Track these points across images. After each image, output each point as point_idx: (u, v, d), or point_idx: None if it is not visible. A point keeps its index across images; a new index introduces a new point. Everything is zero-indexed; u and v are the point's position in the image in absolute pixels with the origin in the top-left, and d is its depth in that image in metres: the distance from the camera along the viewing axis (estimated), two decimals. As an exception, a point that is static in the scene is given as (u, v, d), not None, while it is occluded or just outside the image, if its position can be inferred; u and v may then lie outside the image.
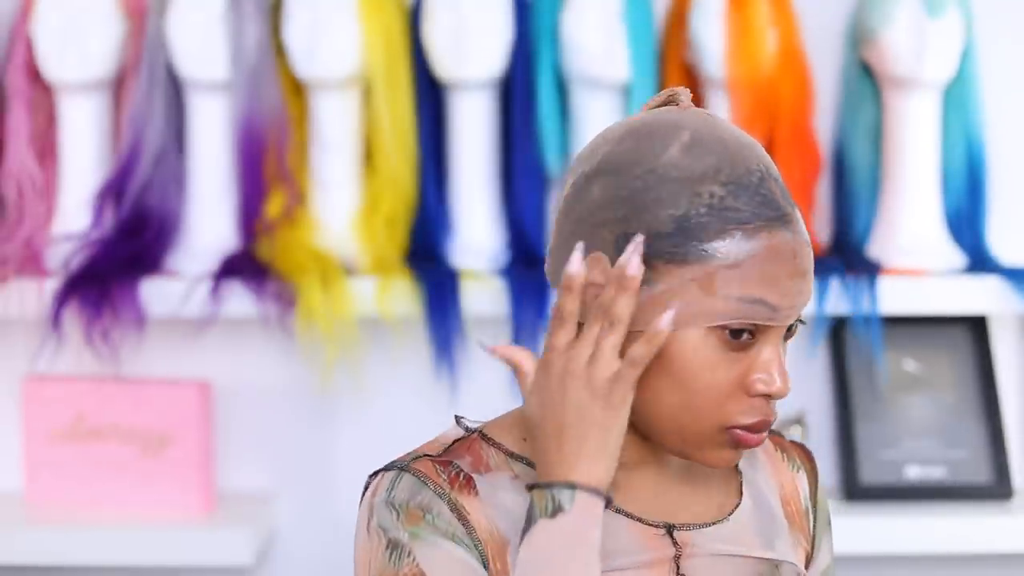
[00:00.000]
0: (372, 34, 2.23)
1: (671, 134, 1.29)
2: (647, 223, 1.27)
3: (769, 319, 1.26)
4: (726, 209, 1.26)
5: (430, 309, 2.19)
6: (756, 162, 1.28)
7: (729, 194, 1.26)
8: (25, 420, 2.29)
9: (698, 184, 1.26)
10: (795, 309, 1.27)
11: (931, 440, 2.32)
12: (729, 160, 1.27)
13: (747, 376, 1.27)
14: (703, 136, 1.28)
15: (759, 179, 1.27)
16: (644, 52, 2.24)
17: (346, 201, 2.27)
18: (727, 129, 1.30)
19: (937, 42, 2.22)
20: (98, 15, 2.24)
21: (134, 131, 2.26)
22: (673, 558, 1.33)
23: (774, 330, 1.27)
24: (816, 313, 2.22)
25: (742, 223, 1.25)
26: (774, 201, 1.27)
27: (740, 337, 1.26)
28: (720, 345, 1.26)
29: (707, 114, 1.32)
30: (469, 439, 1.37)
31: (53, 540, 2.21)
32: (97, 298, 2.17)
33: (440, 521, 1.30)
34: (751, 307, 1.25)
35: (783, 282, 1.26)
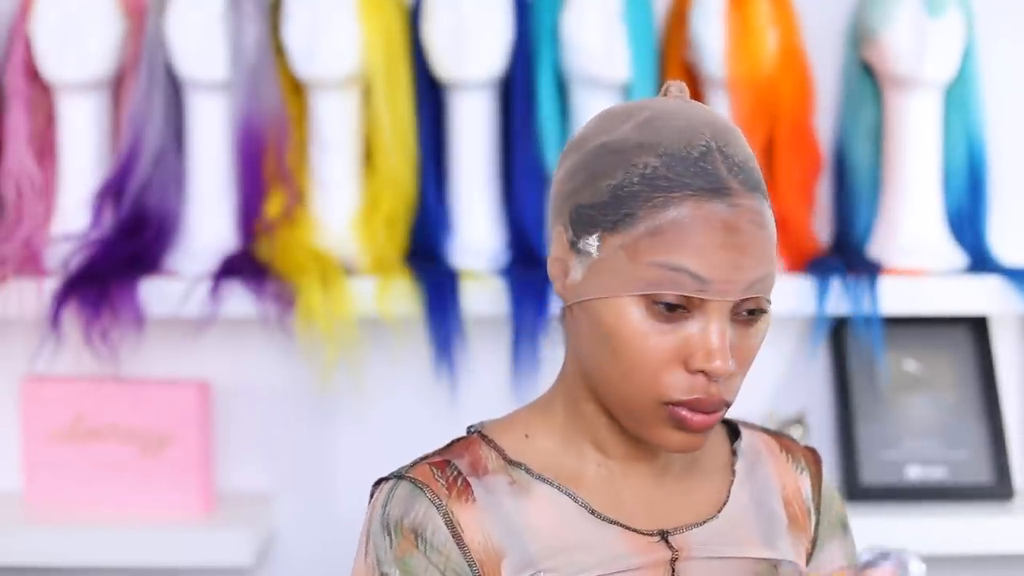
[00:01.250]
0: (372, 34, 2.22)
1: (633, 113, 1.31)
2: (589, 194, 1.29)
3: (698, 291, 1.25)
4: (657, 178, 1.26)
5: (430, 309, 2.19)
6: (706, 138, 1.27)
7: (663, 165, 1.26)
8: (24, 420, 2.29)
9: (636, 155, 1.27)
10: (732, 284, 1.25)
11: (932, 440, 2.32)
12: (675, 135, 1.27)
13: (686, 349, 1.27)
14: (660, 115, 1.29)
15: (701, 153, 1.27)
16: (644, 52, 2.24)
17: (346, 201, 2.27)
18: (696, 110, 1.30)
19: (938, 42, 2.22)
20: (97, 14, 2.24)
21: (133, 131, 2.26)
22: (669, 561, 1.33)
23: (714, 305, 1.26)
24: (817, 313, 2.22)
25: (669, 191, 1.26)
26: (711, 174, 1.26)
27: (670, 308, 1.26)
28: (650, 314, 1.26)
29: (688, 102, 1.32)
30: (469, 439, 1.37)
31: (52, 540, 2.21)
32: (96, 298, 2.16)
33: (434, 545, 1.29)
34: (674, 274, 1.25)
35: (711, 252, 1.25)
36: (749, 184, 1.27)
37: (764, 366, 2.39)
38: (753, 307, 1.28)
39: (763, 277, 1.27)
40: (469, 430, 1.39)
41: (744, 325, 1.29)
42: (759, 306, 1.28)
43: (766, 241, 1.27)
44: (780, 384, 2.39)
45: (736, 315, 1.28)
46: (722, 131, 1.29)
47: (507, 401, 2.27)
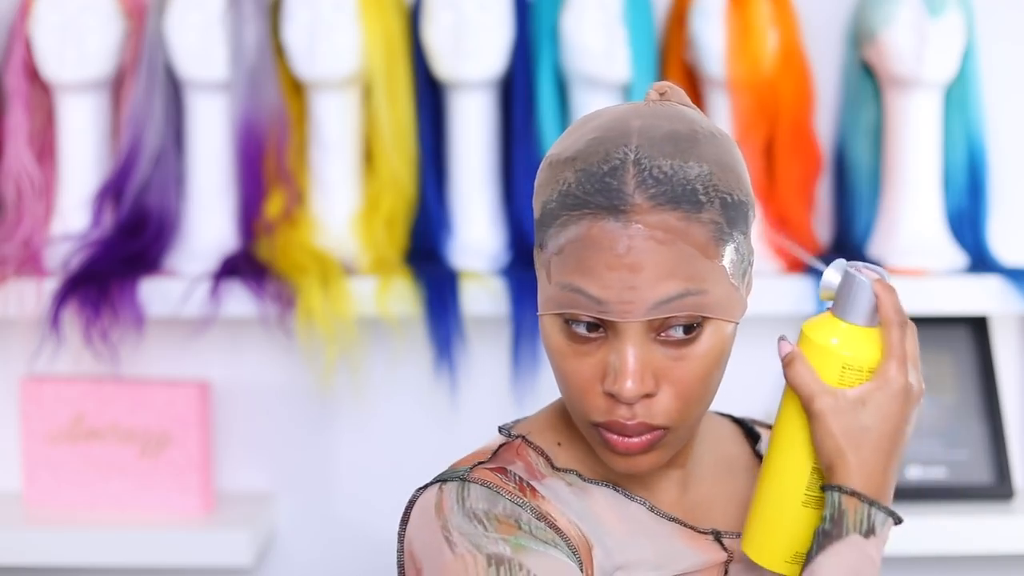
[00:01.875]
0: (372, 34, 2.22)
1: (585, 123, 1.28)
2: (536, 208, 1.28)
3: (599, 312, 1.22)
4: (568, 195, 1.24)
5: (430, 309, 2.19)
6: (627, 150, 1.23)
7: (576, 181, 1.24)
8: (24, 421, 2.29)
9: (561, 170, 1.25)
10: (631, 305, 1.21)
11: (932, 441, 2.32)
12: (598, 147, 1.24)
13: (602, 371, 1.24)
14: (604, 125, 1.26)
15: (612, 167, 1.22)
16: (644, 52, 2.24)
17: (346, 201, 2.27)
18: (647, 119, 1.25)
19: (938, 42, 2.22)
20: (97, 15, 2.24)
21: (133, 131, 2.26)
22: (724, 563, 1.33)
23: (626, 326, 1.22)
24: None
25: (572, 209, 1.23)
26: (614, 190, 1.21)
27: (590, 329, 1.23)
28: (568, 335, 1.25)
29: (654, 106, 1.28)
30: (514, 444, 1.35)
31: (52, 541, 2.21)
32: (96, 298, 2.16)
33: (536, 529, 1.26)
34: (572, 295, 1.23)
35: (601, 273, 1.21)
36: (665, 197, 1.21)
37: (763, 366, 2.39)
38: (683, 326, 1.23)
39: (673, 296, 1.21)
40: (503, 431, 1.37)
41: (675, 346, 1.23)
42: (690, 324, 1.23)
43: (678, 256, 1.21)
44: (779, 384, 2.38)
45: (662, 336, 1.23)
46: (661, 139, 1.24)
47: (507, 401, 2.27)
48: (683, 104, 1.31)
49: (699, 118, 1.28)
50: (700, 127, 1.26)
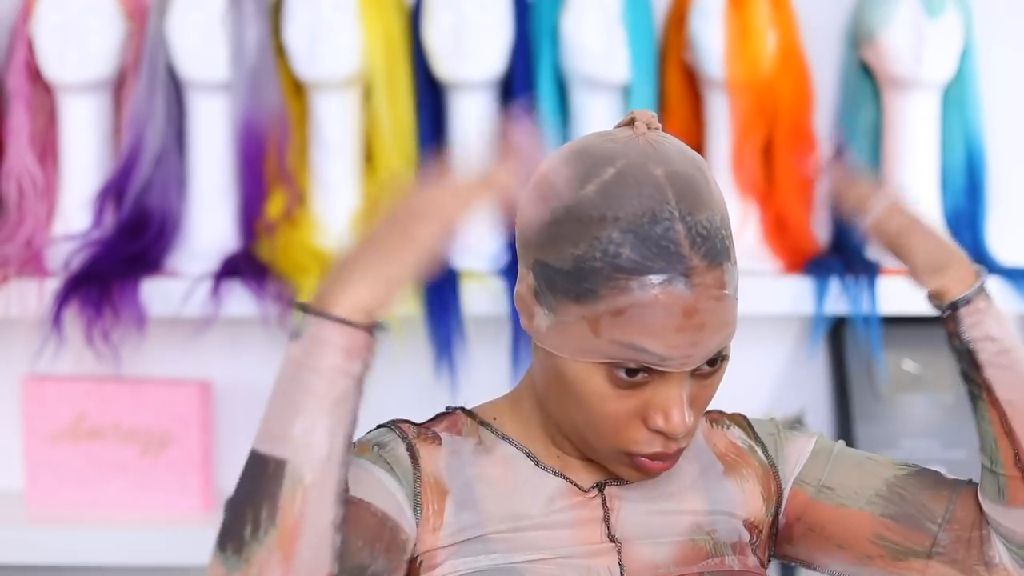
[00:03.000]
0: (372, 34, 2.23)
1: (598, 168, 1.30)
2: (553, 256, 1.30)
3: (658, 365, 1.28)
4: (619, 256, 1.27)
5: (430, 309, 2.20)
6: (671, 206, 1.27)
7: (626, 241, 1.27)
8: (25, 420, 2.29)
9: (599, 227, 1.28)
10: (691, 358, 1.28)
11: (930, 440, 2.32)
12: (638, 204, 1.27)
13: (645, 410, 1.30)
14: (626, 174, 1.29)
15: (664, 229, 1.26)
16: (644, 52, 2.24)
17: (346, 201, 2.27)
18: (664, 164, 1.29)
19: (936, 42, 2.22)
20: (98, 15, 2.24)
21: (134, 131, 2.26)
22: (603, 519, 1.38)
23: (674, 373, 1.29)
24: (816, 313, 2.22)
25: (631, 273, 1.26)
26: (672, 254, 1.26)
27: (632, 375, 1.29)
28: (611, 379, 1.29)
29: (654, 143, 1.32)
30: (454, 413, 1.44)
31: (53, 540, 2.21)
32: (97, 298, 2.17)
33: (386, 453, 1.35)
34: (634, 353, 1.27)
35: (669, 335, 1.27)
36: (712, 254, 1.28)
37: (763, 366, 2.40)
38: (714, 358, 1.31)
39: (723, 340, 1.30)
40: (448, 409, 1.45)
41: (704, 376, 1.32)
42: (720, 355, 1.31)
43: (726, 308, 1.29)
44: (779, 384, 2.39)
45: (697, 371, 1.31)
46: (689, 191, 1.28)
47: (507, 401, 2.28)
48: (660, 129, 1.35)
49: (689, 150, 1.33)
50: (699, 163, 1.32)
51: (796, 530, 1.46)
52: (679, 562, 1.37)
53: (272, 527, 1.21)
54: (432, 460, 1.37)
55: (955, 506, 1.42)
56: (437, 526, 1.35)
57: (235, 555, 1.21)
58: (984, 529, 1.41)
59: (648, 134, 1.33)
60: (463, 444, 1.40)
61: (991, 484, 1.40)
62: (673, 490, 1.42)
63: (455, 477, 1.37)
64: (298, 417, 1.23)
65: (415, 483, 1.35)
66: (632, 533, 1.38)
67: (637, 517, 1.39)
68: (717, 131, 2.28)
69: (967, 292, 1.41)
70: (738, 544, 1.41)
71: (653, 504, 1.40)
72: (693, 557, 1.38)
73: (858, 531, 1.43)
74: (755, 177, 2.27)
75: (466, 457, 1.39)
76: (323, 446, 1.23)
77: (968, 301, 1.40)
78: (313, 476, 1.22)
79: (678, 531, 1.39)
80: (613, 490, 1.40)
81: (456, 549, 1.35)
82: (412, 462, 1.36)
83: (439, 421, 1.43)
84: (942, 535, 1.41)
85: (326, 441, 1.23)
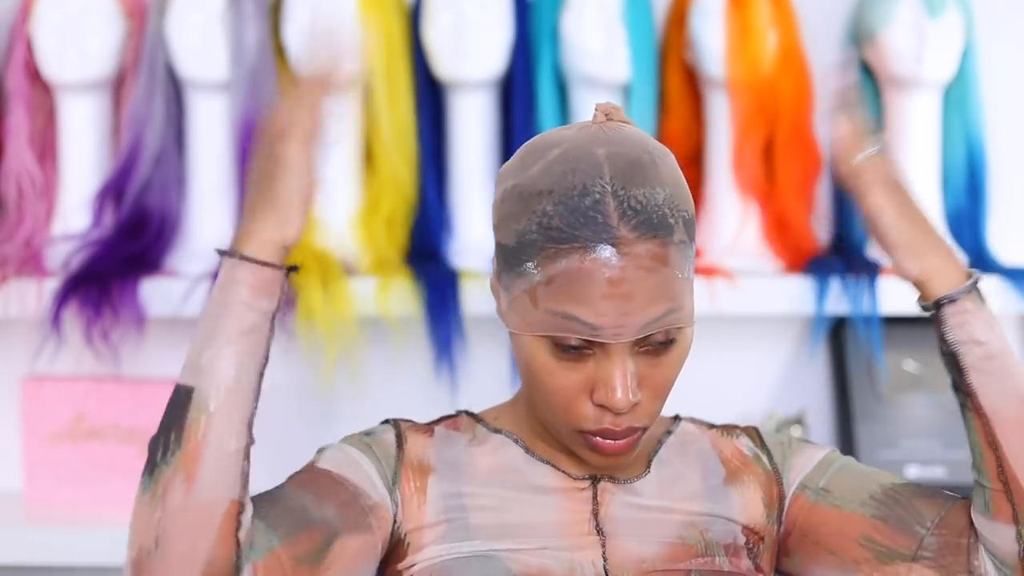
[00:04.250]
0: (372, 34, 2.22)
1: (544, 151, 1.35)
2: (503, 235, 1.36)
3: (591, 335, 1.31)
4: (550, 228, 1.31)
5: (430, 309, 2.19)
6: (604, 181, 1.31)
7: (557, 214, 1.31)
8: (25, 420, 2.29)
9: (536, 201, 1.33)
10: (623, 328, 1.30)
11: (931, 440, 2.32)
12: (573, 179, 1.32)
13: (591, 384, 1.33)
14: (568, 153, 1.33)
15: (593, 201, 1.30)
16: (644, 52, 2.24)
17: (346, 201, 2.27)
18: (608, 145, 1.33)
19: (937, 42, 2.22)
20: (98, 15, 2.24)
21: (134, 131, 2.26)
22: (591, 512, 1.40)
23: (617, 344, 1.31)
24: (816, 313, 2.22)
25: (560, 242, 1.31)
26: (599, 224, 1.30)
27: (575, 348, 1.32)
28: (555, 353, 1.33)
29: (607, 129, 1.36)
30: (458, 416, 1.49)
31: (53, 540, 2.21)
32: (97, 298, 2.17)
33: (369, 439, 1.42)
34: (567, 322, 1.31)
35: (596, 303, 1.30)
36: (645, 227, 1.30)
37: (764, 366, 2.40)
38: (662, 339, 1.33)
39: (660, 315, 1.31)
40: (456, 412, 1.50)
41: (653, 355, 1.34)
42: (667, 337, 1.33)
43: (662, 281, 1.31)
44: (779, 384, 2.39)
45: (642, 348, 1.33)
46: (628, 168, 1.32)
47: (507, 401, 2.28)
48: (625, 122, 1.39)
49: (646, 138, 1.37)
50: (652, 148, 1.35)
51: (792, 539, 1.46)
52: (666, 559, 1.38)
53: (178, 449, 1.28)
54: (419, 446, 1.43)
55: (947, 513, 1.42)
56: (421, 503, 1.39)
57: (148, 476, 1.29)
58: (972, 538, 1.40)
59: (605, 123, 1.37)
60: (458, 438, 1.44)
61: (979, 497, 1.39)
62: (670, 491, 1.42)
63: (442, 459, 1.42)
64: (207, 348, 1.30)
65: (396, 463, 1.40)
66: (619, 528, 1.39)
67: (627, 512, 1.40)
68: (717, 131, 2.28)
69: (953, 291, 1.38)
70: (732, 546, 1.41)
71: (645, 502, 1.42)
72: (682, 555, 1.39)
73: (848, 533, 1.43)
74: (755, 177, 2.27)
75: (459, 448, 1.43)
76: (228, 374, 1.30)
77: (953, 300, 1.38)
78: (217, 402, 1.29)
79: (668, 529, 1.40)
80: (606, 485, 1.41)
81: (441, 531, 1.38)
82: (397, 446, 1.42)
83: (440, 421, 1.48)
84: (929, 539, 1.40)
85: (232, 370, 1.30)
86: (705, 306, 2.18)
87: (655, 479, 1.43)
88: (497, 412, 1.48)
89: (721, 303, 2.20)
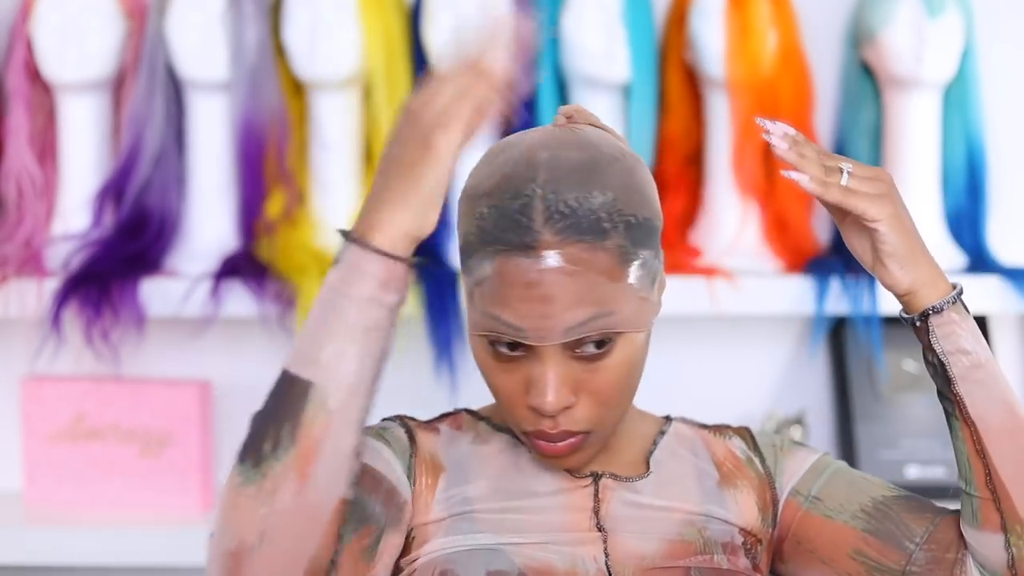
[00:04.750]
0: (372, 34, 2.23)
1: (498, 154, 1.36)
2: (459, 237, 1.37)
3: (518, 337, 1.32)
4: (484, 231, 1.32)
5: (430, 309, 2.19)
6: (535, 184, 1.31)
7: (489, 216, 1.32)
8: (25, 420, 2.29)
9: (477, 204, 1.34)
10: (545, 331, 1.31)
11: (931, 440, 2.32)
12: (508, 183, 1.32)
13: (525, 386, 1.35)
14: (512, 157, 1.34)
15: (522, 204, 1.31)
16: (644, 52, 2.24)
17: (346, 201, 2.27)
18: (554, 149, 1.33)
19: (937, 42, 2.22)
20: (98, 15, 2.24)
21: (134, 131, 2.26)
22: (592, 509, 1.40)
23: (545, 347, 1.32)
24: (816, 313, 2.22)
25: (487, 245, 1.32)
26: (524, 227, 1.30)
27: (511, 348, 1.33)
28: (492, 353, 1.35)
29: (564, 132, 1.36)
30: (458, 413, 1.50)
31: (53, 540, 2.21)
32: (97, 298, 2.17)
33: (385, 433, 1.41)
34: (494, 323, 1.32)
35: (514, 304, 1.31)
36: (571, 230, 1.30)
37: (764, 366, 2.40)
38: (596, 344, 1.33)
39: (585, 320, 1.31)
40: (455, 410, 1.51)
41: (590, 360, 1.34)
42: (603, 337, 1.33)
43: (587, 285, 1.31)
44: (779, 384, 2.39)
45: (576, 351, 1.33)
46: (566, 172, 1.32)
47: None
48: (591, 124, 1.39)
49: (604, 141, 1.36)
50: (603, 152, 1.34)
51: (787, 545, 1.47)
52: (666, 555, 1.39)
53: (292, 446, 1.24)
54: (429, 442, 1.43)
55: (936, 528, 1.42)
56: (429, 501, 1.39)
57: (253, 468, 1.25)
58: (960, 552, 1.40)
59: (565, 125, 1.37)
60: (461, 437, 1.45)
61: (967, 507, 1.40)
62: (667, 491, 1.43)
63: (451, 459, 1.42)
64: (329, 342, 1.25)
65: (411, 458, 1.40)
66: (620, 525, 1.40)
67: (627, 510, 1.41)
68: (717, 131, 2.28)
69: (940, 301, 1.38)
70: (729, 544, 1.42)
71: (645, 500, 1.42)
72: (681, 552, 1.39)
73: (841, 545, 1.44)
74: (755, 177, 2.27)
75: (464, 447, 1.44)
76: (351, 373, 1.25)
77: (940, 311, 1.37)
78: (337, 401, 1.25)
79: (668, 526, 1.41)
80: (608, 482, 1.42)
81: (446, 525, 1.38)
82: (410, 441, 1.42)
83: (443, 419, 1.48)
84: (918, 554, 1.41)
85: (354, 368, 1.25)
86: (705, 306, 2.18)
87: (654, 479, 1.43)
88: (493, 409, 1.49)
89: (721, 303, 2.20)
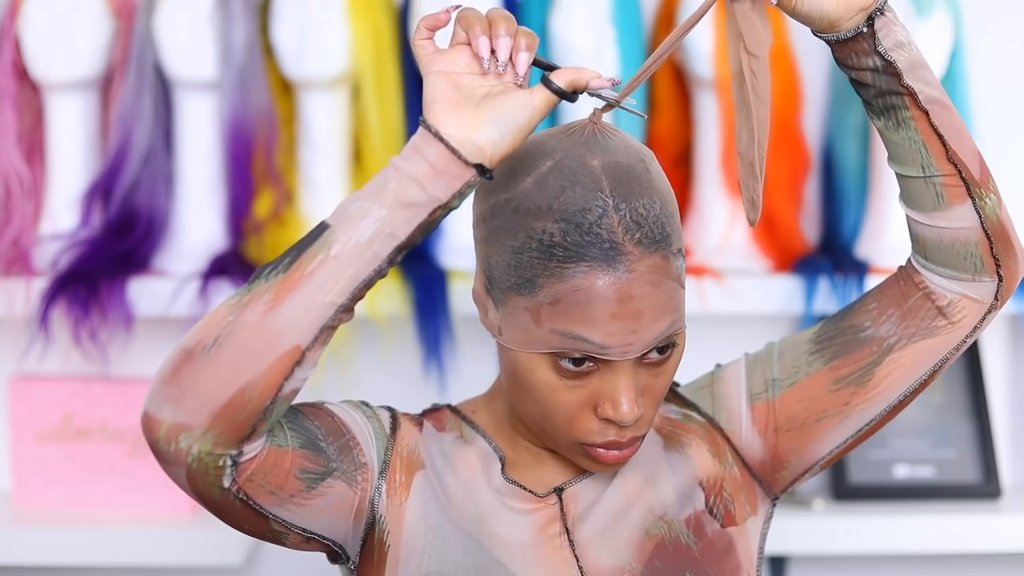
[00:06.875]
0: (361, 34, 2.22)
1: (536, 161, 1.32)
2: (495, 249, 1.32)
3: (599, 353, 1.30)
4: (554, 247, 1.29)
5: (419, 308, 2.19)
6: (604, 195, 1.29)
7: (559, 232, 1.29)
8: (12, 420, 2.29)
9: (535, 219, 1.30)
10: (632, 346, 1.29)
11: (920, 440, 2.32)
12: (572, 195, 1.29)
13: (595, 399, 1.32)
14: (563, 165, 1.31)
15: (597, 216, 1.28)
16: (633, 52, 2.24)
17: (334, 201, 2.27)
18: (601, 154, 1.31)
19: (925, 42, 2.22)
20: (86, 14, 2.24)
21: (122, 130, 2.26)
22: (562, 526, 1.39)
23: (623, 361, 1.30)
24: (805, 312, 2.22)
25: (565, 262, 1.28)
26: (606, 240, 1.28)
27: (577, 366, 1.31)
28: (558, 370, 1.31)
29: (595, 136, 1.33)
30: (441, 410, 1.48)
31: (41, 540, 2.21)
32: (85, 298, 2.16)
33: (369, 410, 1.41)
34: (573, 342, 1.29)
35: (606, 323, 1.28)
36: (649, 240, 1.29)
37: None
38: (663, 348, 1.32)
39: (665, 328, 1.31)
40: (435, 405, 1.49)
41: (655, 365, 1.33)
42: (668, 343, 1.32)
43: (667, 294, 1.30)
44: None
45: (645, 360, 1.32)
46: (624, 177, 1.30)
47: (496, 400, 2.28)
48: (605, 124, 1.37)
49: (635, 143, 1.35)
50: (643, 154, 1.34)
51: (780, 446, 1.45)
52: (638, 559, 1.39)
53: (283, 272, 1.24)
54: (411, 436, 1.42)
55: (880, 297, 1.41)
56: (403, 500, 1.39)
57: (247, 285, 1.25)
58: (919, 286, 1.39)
59: (591, 127, 1.35)
60: (444, 437, 1.43)
61: (928, 195, 1.37)
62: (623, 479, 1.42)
63: (431, 460, 1.41)
64: (364, 199, 1.24)
65: (388, 448, 1.40)
66: (590, 539, 1.39)
67: (594, 521, 1.40)
68: (706, 130, 2.28)
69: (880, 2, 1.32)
70: (691, 517, 1.41)
71: (607, 500, 1.41)
72: (650, 548, 1.39)
73: (819, 393, 1.43)
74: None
75: (446, 447, 1.42)
76: (365, 231, 1.24)
77: (881, 12, 1.32)
78: (340, 250, 1.24)
79: (631, 525, 1.40)
80: (570, 492, 1.41)
81: (420, 537, 1.37)
82: (392, 429, 1.41)
83: (427, 415, 1.47)
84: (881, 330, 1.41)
85: (370, 230, 1.24)
86: (694, 306, 2.18)
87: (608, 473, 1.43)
88: (474, 405, 1.47)
89: (710, 302, 2.20)
